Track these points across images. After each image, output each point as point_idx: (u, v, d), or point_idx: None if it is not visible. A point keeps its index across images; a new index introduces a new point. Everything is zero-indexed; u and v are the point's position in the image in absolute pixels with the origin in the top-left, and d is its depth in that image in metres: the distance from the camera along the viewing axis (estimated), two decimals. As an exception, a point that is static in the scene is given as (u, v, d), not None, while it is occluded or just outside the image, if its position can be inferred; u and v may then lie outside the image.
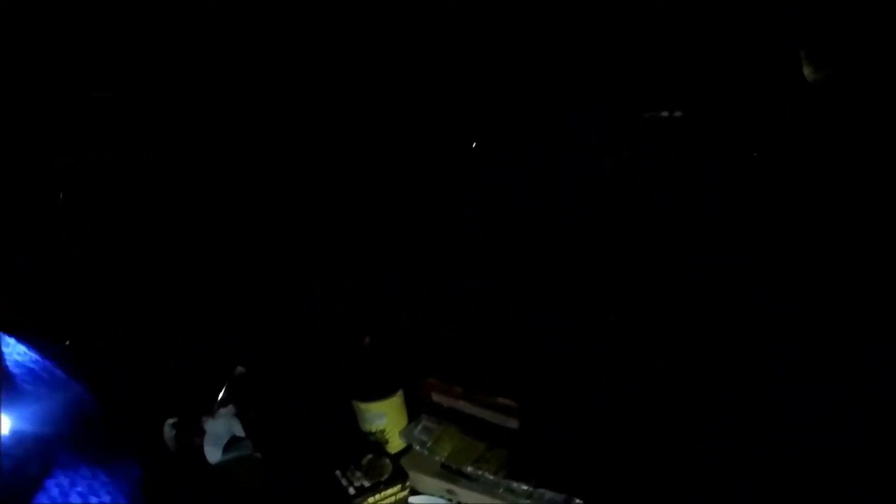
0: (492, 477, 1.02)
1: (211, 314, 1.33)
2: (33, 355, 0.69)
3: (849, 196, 1.04)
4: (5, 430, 0.64)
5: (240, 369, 1.24)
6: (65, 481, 0.62)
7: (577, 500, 0.95)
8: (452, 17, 1.23)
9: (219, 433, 1.13)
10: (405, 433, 1.14)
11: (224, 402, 1.18)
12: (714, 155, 1.14)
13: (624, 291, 1.20)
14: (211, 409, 1.16)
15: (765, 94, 1.10)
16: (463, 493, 1.04)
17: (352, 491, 1.00)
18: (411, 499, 1.06)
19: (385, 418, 1.13)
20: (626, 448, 1.01)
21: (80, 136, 1.28)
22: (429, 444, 1.11)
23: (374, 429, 1.14)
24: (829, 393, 0.94)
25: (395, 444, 1.15)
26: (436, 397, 1.21)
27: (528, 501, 0.98)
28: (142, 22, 1.26)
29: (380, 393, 1.13)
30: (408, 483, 1.04)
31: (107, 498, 0.65)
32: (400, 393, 1.15)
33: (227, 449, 1.12)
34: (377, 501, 1.01)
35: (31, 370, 0.67)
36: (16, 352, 0.67)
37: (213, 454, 1.12)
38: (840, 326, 0.99)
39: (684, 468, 0.94)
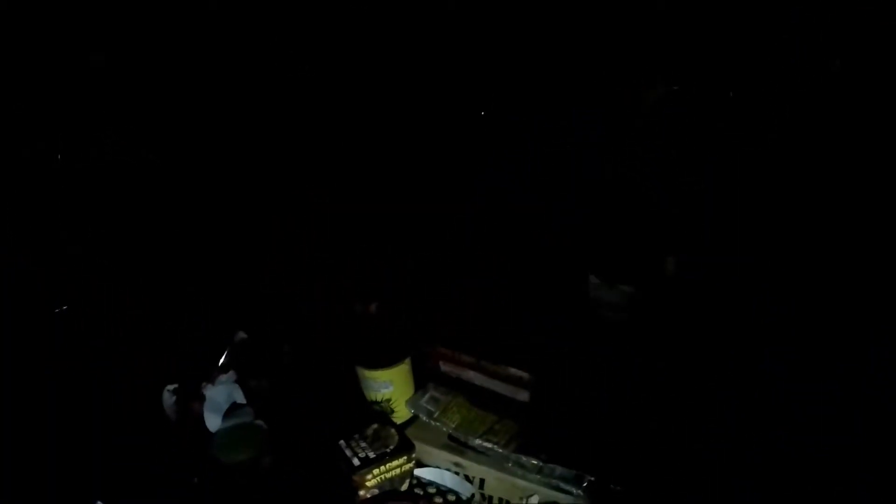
0: (501, 450, 0.97)
1: (211, 314, 1.33)
2: None
3: (848, 196, 1.05)
4: None
5: (241, 335, 1.19)
6: None
7: (589, 477, 0.92)
8: (452, 18, 1.23)
9: (218, 400, 1.08)
10: (412, 403, 1.10)
11: (224, 369, 1.12)
12: (714, 155, 1.14)
13: (623, 290, 1.20)
14: (210, 375, 1.11)
15: (764, 94, 1.10)
16: (470, 467, 0.99)
17: (356, 462, 0.95)
18: (417, 471, 1.01)
19: (391, 387, 1.09)
20: (622, 450, 1.00)
21: (80, 136, 1.28)
22: (436, 415, 1.06)
23: (379, 398, 1.09)
24: (829, 393, 0.94)
25: (402, 414, 1.10)
26: (444, 366, 1.16)
27: (538, 476, 0.94)
28: (142, 22, 1.26)
29: (386, 360, 1.08)
30: (414, 454, 0.99)
31: None
32: (407, 361, 1.10)
33: (227, 416, 1.07)
34: (382, 473, 0.96)
35: None
36: None
37: (213, 421, 1.07)
38: (840, 326, 0.99)
39: (684, 468, 0.94)
